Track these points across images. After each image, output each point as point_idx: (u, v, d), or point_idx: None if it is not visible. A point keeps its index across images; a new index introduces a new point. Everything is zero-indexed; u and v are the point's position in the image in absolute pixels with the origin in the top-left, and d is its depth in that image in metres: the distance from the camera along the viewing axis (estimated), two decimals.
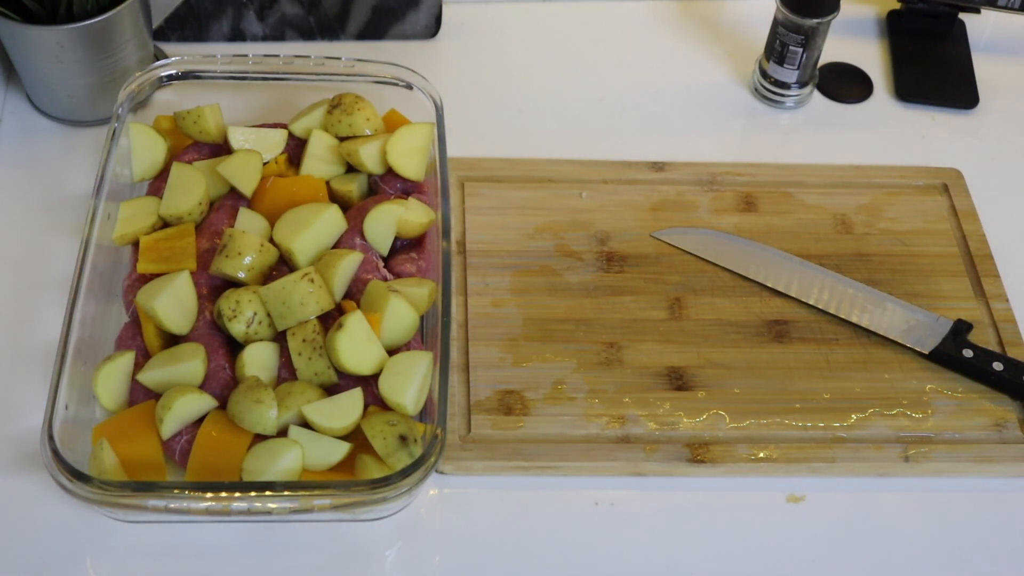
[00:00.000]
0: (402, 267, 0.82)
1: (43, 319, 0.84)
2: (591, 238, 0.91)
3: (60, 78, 0.94)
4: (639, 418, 0.80)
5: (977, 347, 0.83)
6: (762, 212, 0.94)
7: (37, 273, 0.88)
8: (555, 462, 0.78)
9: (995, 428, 0.81)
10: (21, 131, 0.98)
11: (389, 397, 0.74)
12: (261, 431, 0.73)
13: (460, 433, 0.79)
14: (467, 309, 0.86)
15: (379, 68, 0.90)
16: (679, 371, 0.83)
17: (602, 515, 0.77)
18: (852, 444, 0.79)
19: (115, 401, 0.76)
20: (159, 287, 0.77)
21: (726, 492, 0.78)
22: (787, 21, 0.99)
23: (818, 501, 0.78)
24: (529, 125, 1.02)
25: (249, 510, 0.69)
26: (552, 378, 0.82)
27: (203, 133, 0.87)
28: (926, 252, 0.92)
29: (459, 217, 0.91)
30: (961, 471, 0.79)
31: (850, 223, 0.93)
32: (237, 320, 0.76)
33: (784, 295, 0.88)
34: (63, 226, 0.90)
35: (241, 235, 0.79)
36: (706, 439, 0.79)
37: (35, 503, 0.75)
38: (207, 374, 0.76)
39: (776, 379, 0.83)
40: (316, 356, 0.75)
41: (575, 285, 0.88)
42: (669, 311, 0.87)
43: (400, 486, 0.68)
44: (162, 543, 0.74)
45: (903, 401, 0.82)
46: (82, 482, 0.67)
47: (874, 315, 0.86)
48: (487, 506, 0.77)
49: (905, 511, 0.78)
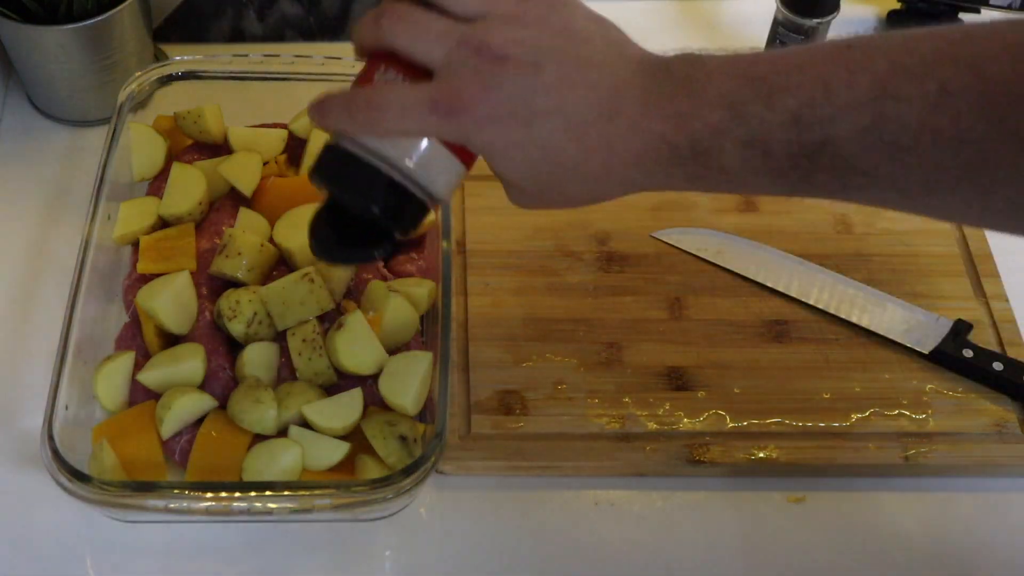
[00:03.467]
0: (402, 267, 0.82)
1: (43, 319, 0.84)
2: (591, 238, 0.91)
3: (60, 78, 0.94)
4: (639, 418, 0.80)
5: (977, 347, 0.83)
6: (762, 212, 0.94)
7: (37, 273, 0.88)
8: (555, 462, 0.78)
9: (995, 428, 0.81)
10: (21, 131, 0.98)
11: (389, 397, 0.74)
12: (261, 431, 0.73)
13: (460, 433, 0.79)
14: (467, 309, 0.86)
15: None
16: (679, 371, 0.83)
17: (602, 515, 0.77)
18: (852, 444, 0.79)
19: (115, 401, 0.76)
20: (159, 287, 0.77)
21: (726, 492, 0.78)
22: (787, 21, 0.99)
23: (818, 501, 0.78)
24: None
25: (249, 510, 0.69)
26: (552, 378, 0.82)
27: (203, 133, 0.87)
28: (926, 252, 0.92)
29: (459, 217, 0.91)
30: (961, 471, 0.79)
31: (850, 223, 0.93)
32: (237, 320, 0.76)
33: (784, 295, 0.88)
34: (63, 226, 0.90)
35: (241, 235, 0.79)
36: (706, 439, 0.79)
37: (35, 503, 0.75)
38: (207, 374, 0.76)
39: (776, 379, 0.83)
40: (316, 356, 0.75)
41: (575, 285, 0.88)
42: (669, 311, 0.87)
43: (400, 486, 0.68)
44: (162, 543, 0.74)
45: (903, 401, 0.82)
46: (82, 482, 0.67)
47: (874, 315, 0.86)
48: (487, 506, 0.77)
49: (905, 511, 0.78)
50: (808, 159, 0.53)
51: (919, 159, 0.51)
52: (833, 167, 0.52)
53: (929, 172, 0.51)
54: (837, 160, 0.52)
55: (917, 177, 0.52)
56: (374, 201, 0.57)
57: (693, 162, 0.55)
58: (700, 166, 0.55)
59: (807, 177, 0.53)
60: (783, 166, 0.53)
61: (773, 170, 0.54)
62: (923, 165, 0.51)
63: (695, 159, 0.55)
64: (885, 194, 0.54)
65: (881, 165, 0.52)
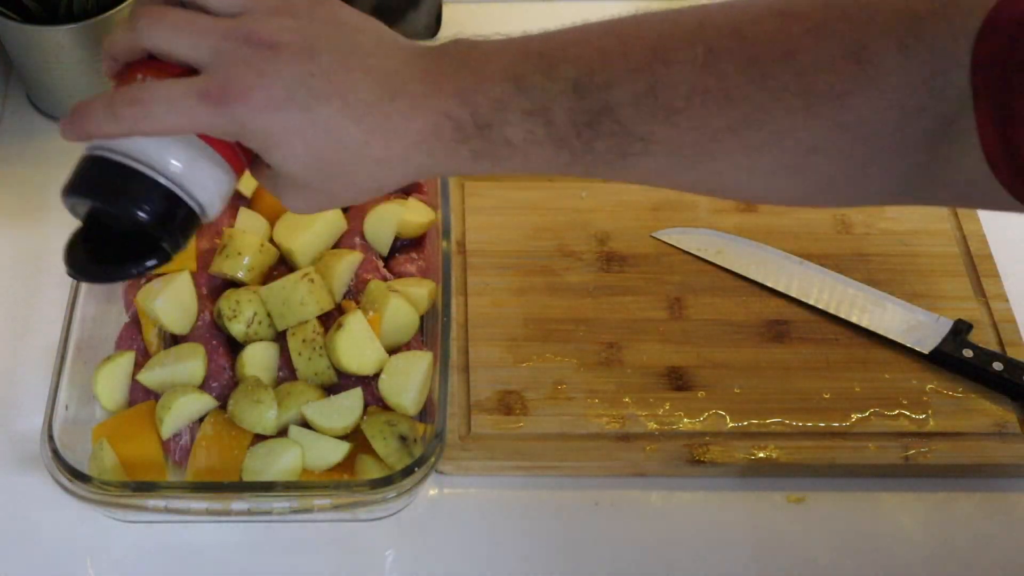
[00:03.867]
0: (402, 267, 0.82)
1: (43, 319, 0.84)
2: (591, 238, 0.91)
3: (60, 78, 0.94)
4: (639, 418, 0.80)
5: (977, 347, 0.83)
6: (762, 212, 0.94)
7: (37, 273, 0.88)
8: (555, 462, 0.78)
9: (995, 428, 0.81)
10: (21, 131, 0.98)
11: (389, 397, 0.74)
12: (261, 431, 0.73)
13: (460, 433, 0.79)
14: (467, 309, 0.86)
15: None
16: (679, 371, 0.83)
17: (602, 515, 0.77)
18: (852, 444, 0.79)
19: (115, 401, 0.76)
20: (159, 287, 0.77)
21: (726, 492, 0.78)
22: None
23: (818, 501, 0.78)
24: None
25: (249, 510, 0.69)
26: (552, 378, 0.82)
27: None
28: (926, 252, 0.92)
29: (459, 217, 0.91)
30: (961, 471, 0.79)
31: (850, 223, 0.93)
32: (237, 320, 0.76)
33: (784, 295, 0.88)
34: (63, 226, 0.90)
35: (241, 235, 0.79)
36: (706, 439, 0.79)
37: (35, 503, 0.75)
38: (207, 374, 0.76)
39: (776, 379, 0.83)
40: (316, 356, 0.75)
41: (575, 285, 0.88)
42: (669, 311, 0.87)
43: (400, 486, 0.68)
44: (162, 543, 0.74)
45: (903, 401, 0.82)
46: (82, 482, 0.67)
47: (874, 315, 0.86)
48: (487, 506, 0.77)
49: (905, 511, 0.78)
50: (589, 127, 0.54)
51: (691, 121, 0.53)
52: (613, 134, 0.54)
53: (701, 134, 0.53)
54: (616, 127, 0.54)
55: (690, 140, 0.54)
56: (140, 206, 0.54)
57: (478, 137, 0.55)
58: (484, 140, 0.55)
59: (589, 146, 0.55)
60: (566, 135, 0.54)
61: (556, 140, 0.55)
62: (695, 127, 0.53)
63: (479, 134, 0.55)
64: (661, 163, 0.55)
65: (657, 130, 0.53)
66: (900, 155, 0.52)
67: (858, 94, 0.51)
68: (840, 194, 0.57)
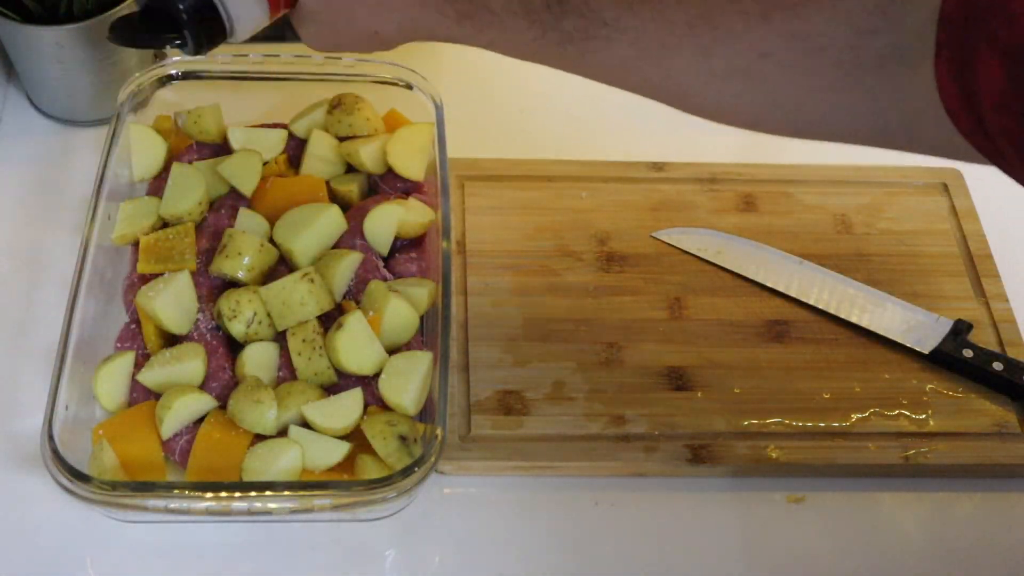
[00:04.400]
0: (402, 267, 0.82)
1: (43, 319, 0.84)
2: (591, 238, 0.91)
3: (60, 78, 0.94)
4: (639, 418, 0.80)
5: (977, 347, 0.83)
6: (762, 212, 0.94)
7: (37, 273, 0.88)
8: (555, 462, 0.78)
9: (995, 428, 0.81)
10: (21, 131, 0.98)
11: (389, 397, 0.74)
12: (261, 431, 0.73)
13: (460, 433, 0.79)
14: (467, 309, 0.86)
15: (379, 68, 0.90)
16: (679, 371, 0.83)
17: (602, 515, 0.77)
18: (852, 444, 0.80)
19: (115, 401, 0.76)
20: (159, 287, 0.77)
21: (726, 492, 0.78)
22: None
23: (818, 501, 0.78)
24: (529, 125, 1.02)
25: (249, 510, 0.69)
26: (552, 378, 0.82)
27: (203, 133, 0.87)
28: (926, 252, 0.92)
29: (459, 217, 0.91)
30: (961, 471, 0.79)
31: (850, 223, 0.93)
32: (237, 320, 0.76)
33: (784, 295, 0.88)
34: (63, 226, 0.90)
35: (241, 235, 0.79)
36: (706, 439, 0.79)
37: (35, 503, 0.75)
38: (207, 374, 0.76)
39: (776, 379, 0.83)
40: (316, 356, 0.75)
41: (575, 285, 0.88)
42: (669, 311, 0.87)
43: (400, 486, 0.68)
44: (162, 543, 0.74)
45: (903, 401, 0.82)
46: (82, 482, 0.67)
47: (874, 315, 0.86)
48: (487, 506, 0.77)
49: (905, 511, 0.78)
50: (559, 3, 0.61)
51: (652, 12, 0.58)
52: (580, 14, 0.61)
53: (661, 26, 0.58)
54: (584, 7, 0.61)
55: (651, 31, 0.59)
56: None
57: None
58: (468, 3, 0.65)
59: (558, 23, 0.62)
60: (537, 6, 0.62)
61: (529, 12, 0.62)
62: (655, 18, 0.58)
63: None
64: (625, 54, 0.60)
65: (622, 17, 0.59)
66: (850, 75, 0.54)
67: (811, 5, 0.54)
68: (792, 115, 0.60)
